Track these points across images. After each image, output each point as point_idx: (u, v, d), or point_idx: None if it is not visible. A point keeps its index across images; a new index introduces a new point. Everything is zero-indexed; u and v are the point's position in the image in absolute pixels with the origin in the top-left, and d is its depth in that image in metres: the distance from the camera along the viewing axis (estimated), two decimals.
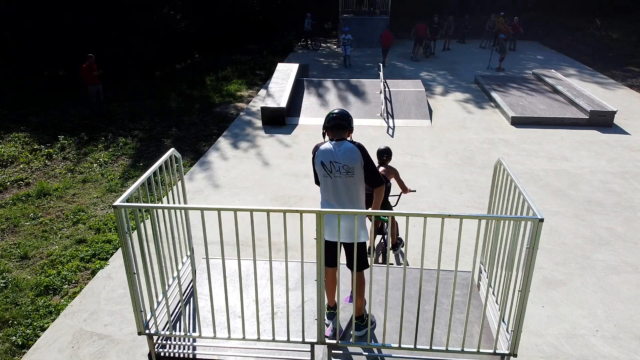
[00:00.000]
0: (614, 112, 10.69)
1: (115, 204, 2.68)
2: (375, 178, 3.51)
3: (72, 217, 7.14)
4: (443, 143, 9.82)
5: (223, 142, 10.04)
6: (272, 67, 14.80)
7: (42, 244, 6.51)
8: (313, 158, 3.57)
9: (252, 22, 23.19)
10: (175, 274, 3.67)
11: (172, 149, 3.57)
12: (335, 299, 3.65)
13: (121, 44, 15.46)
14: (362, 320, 3.54)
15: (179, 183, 3.86)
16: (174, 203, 3.52)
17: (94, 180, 8.43)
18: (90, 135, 10.57)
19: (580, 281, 5.54)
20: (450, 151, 9.39)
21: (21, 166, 9.13)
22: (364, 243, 3.52)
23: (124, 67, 15.39)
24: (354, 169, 3.40)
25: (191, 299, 3.75)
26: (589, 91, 12.46)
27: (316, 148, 3.55)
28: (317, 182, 3.66)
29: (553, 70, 14.59)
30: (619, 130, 10.52)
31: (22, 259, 6.19)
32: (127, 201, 2.78)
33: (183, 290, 3.76)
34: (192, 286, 3.83)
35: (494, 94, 12.60)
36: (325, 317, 3.53)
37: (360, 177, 3.46)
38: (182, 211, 3.81)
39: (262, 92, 13.96)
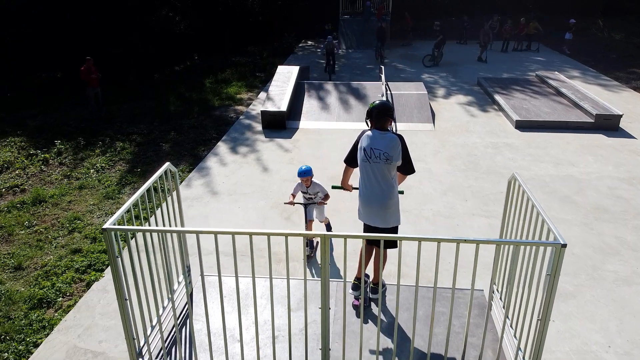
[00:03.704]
0: (620, 116, 10.52)
1: (104, 226, 2.51)
2: (409, 167, 3.99)
3: (67, 225, 6.97)
4: (446, 147, 9.65)
5: (222, 147, 9.87)
6: (272, 69, 14.63)
7: (36, 253, 6.34)
8: (357, 141, 4.05)
9: (252, 24, 23.03)
10: (175, 286, 3.50)
11: (168, 163, 3.39)
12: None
13: (120, 45, 15.31)
14: (377, 285, 4.10)
15: (176, 199, 3.68)
16: (169, 220, 3.35)
17: (90, 187, 8.26)
18: (88, 139, 10.40)
19: (590, 293, 5.37)
20: (453, 156, 9.22)
21: (17, 172, 8.97)
22: (396, 227, 4.04)
23: (123, 69, 15.23)
24: (392, 158, 3.83)
25: (187, 321, 3.57)
26: (593, 94, 12.29)
27: (362, 133, 4.03)
28: (347, 160, 4.18)
29: (556, 72, 14.42)
30: (625, 134, 10.34)
31: (15, 270, 6.02)
32: (118, 223, 2.62)
33: (178, 314, 3.58)
34: (187, 309, 3.66)
35: (497, 97, 12.43)
36: (350, 289, 4.18)
37: (396, 165, 3.89)
38: (176, 220, 3.64)
39: (262, 94, 13.78)
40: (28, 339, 4.83)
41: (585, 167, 8.70)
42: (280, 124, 10.84)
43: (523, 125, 10.69)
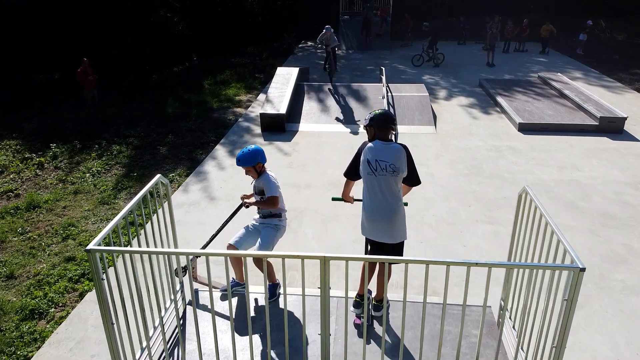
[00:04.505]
0: (625, 118, 10.36)
1: (88, 247, 2.36)
2: (414, 178, 3.78)
3: (61, 231, 6.82)
4: (448, 151, 9.49)
5: (220, 150, 9.71)
6: (272, 70, 14.47)
7: (29, 261, 6.19)
8: (359, 153, 3.79)
9: (251, 24, 22.87)
10: (162, 311, 3.34)
11: (159, 175, 3.23)
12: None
13: (118, 46, 15.16)
14: (380, 302, 3.86)
15: (167, 213, 3.51)
16: (160, 236, 3.19)
17: (85, 192, 8.10)
18: (84, 142, 10.24)
19: (598, 304, 5.21)
20: (456, 159, 9.06)
21: (11, 176, 8.82)
22: (402, 242, 3.80)
23: (121, 70, 15.09)
24: (399, 169, 3.64)
25: (179, 343, 3.42)
26: (596, 95, 12.13)
27: (364, 145, 3.78)
28: (347, 174, 3.91)
29: (559, 74, 14.26)
30: (629, 137, 10.19)
31: (7, 279, 5.87)
32: (103, 241, 2.46)
33: (169, 335, 3.42)
34: (178, 331, 3.50)
35: (499, 99, 12.27)
36: (352, 307, 3.93)
37: (402, 177, 3.70)
38: (168, 237, 3.48)
39: (262, 96, 13.62)
40: (19, 352, 4.68)
41: (590, 171, 8.54)
42: (280, 127, 10.69)
43: (526, 128, 10.52)
